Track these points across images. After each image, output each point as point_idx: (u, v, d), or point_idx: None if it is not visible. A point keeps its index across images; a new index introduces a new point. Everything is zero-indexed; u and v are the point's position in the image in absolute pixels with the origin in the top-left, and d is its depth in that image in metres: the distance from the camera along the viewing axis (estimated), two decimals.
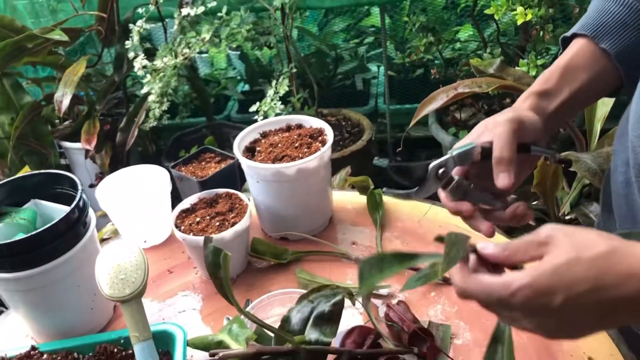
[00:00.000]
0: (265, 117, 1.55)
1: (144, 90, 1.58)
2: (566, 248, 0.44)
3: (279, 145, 0.94)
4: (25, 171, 1.49)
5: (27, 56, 1.71)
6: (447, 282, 0.85)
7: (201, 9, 1.51)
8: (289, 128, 1.01)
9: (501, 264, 0.49)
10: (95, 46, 2.52)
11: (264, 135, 1.00)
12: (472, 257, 0.51)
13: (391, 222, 1.00)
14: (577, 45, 0.66)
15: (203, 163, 1.01)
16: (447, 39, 2.34)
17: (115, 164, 1.73)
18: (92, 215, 0.80)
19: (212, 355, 0.66)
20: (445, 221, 0.98)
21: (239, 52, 2.73)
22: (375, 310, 0.81)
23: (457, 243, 0.49)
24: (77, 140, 1.77)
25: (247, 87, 2.62)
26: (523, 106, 0.64)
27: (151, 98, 1.60)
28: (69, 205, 0.80)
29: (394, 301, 0.80)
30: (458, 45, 2.48)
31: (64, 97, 1.52)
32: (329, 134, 0.95)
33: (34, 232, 0.73)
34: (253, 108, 1.57)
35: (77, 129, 1.77)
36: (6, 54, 1.62)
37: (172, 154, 1.91)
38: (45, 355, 0.72)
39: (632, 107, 0.61)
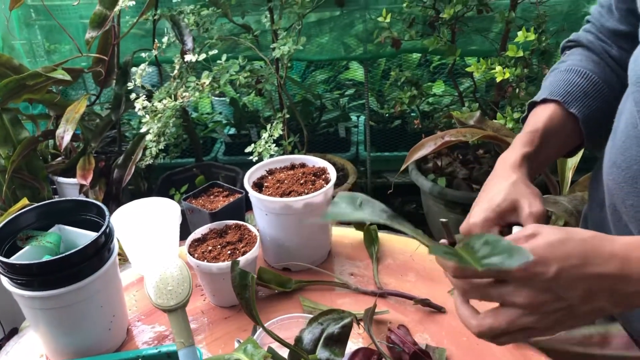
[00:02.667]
0: (260, 158, 1.63)
1: (143, 129, 1.65)
2: (556, 231, 0.51)
3: (285, 181, 1.02)
4: (23, 204, 1.53)
5: (27, 93, 1.77)
6: (440, 310, 0.92)
7: (203, 56, 1.61)
8: (293, 166, 1.09)
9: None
10: (84, 86, 2.59)
11: (270, 172, 1.08)
12: None
13: (386, 256, 1.07)
14: (550, 109, 0.76)
15: (212, 197, 1.08)
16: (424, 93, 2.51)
17: (108, 200, 1.77)
18: (115, 242, 0.85)
19: None
20: (433, 257, 1.06)
21: (222, 98, 2.85)
22: (376, 334, 0.88)
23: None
24: (70, 175, 1.81)
25: (233, 131, 2.72)
26: (521, 175, 0.70)
27: (149, 137, 1.67)
28: (92, 231, 0.86)
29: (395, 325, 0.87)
30: (432, 99, 2.65)
31: (65, 134, 1.58)
32: (332, 173, 1.03)
33: (64, 254, 0.78)
34: (248, 149, 1.66)
35: (71, 165, 1.81)
36: (8, 90, 1.67)
37: (163, 191, 1.96)
38: None
39: (605, 157, 0.72)
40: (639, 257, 0.50)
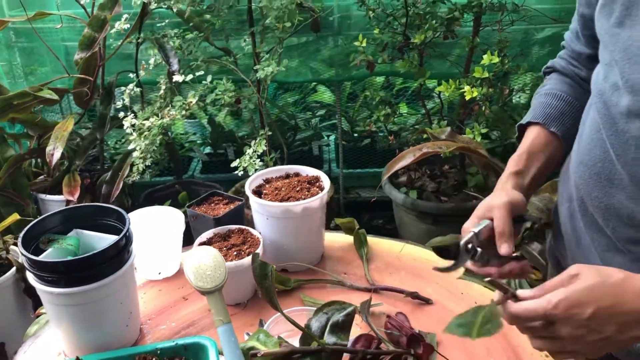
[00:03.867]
0: (245, 172, 1.71)
1: (131, 146, 1.71)
2: (594, 275, 0.62)
3: (283, 189, 1.11)
4: (13, 219, 1.56)
5: (13, 112, 1.80)
6: (428, 302, 1.02)
7: (190, 76, 1.70)
8: (288, 175, 1.18)
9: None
10: (60, 107, 2.62)
11: (267, 181, 1.16)
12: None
13: (374, 257, 1.17)
14: (534, 131, 0.91)
15: (213, 205, 1.16)
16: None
17: None
18: (134, 245, 0.92)
19: (253, 355, 0.79)
20: (418, 256, 1.17)
21: (193, 120, 2.92)
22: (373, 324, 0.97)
23: (491, 319, 0.65)
24: (55, 192, 1.84)
25: (209, 150, 2.79)
26: (507, 186, 0.85)
27: (136, 154, 1.73)
28: (109, 234, 0.92)
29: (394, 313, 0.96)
30: (397, 119, 2.80)
31: (55, 151, 1.62)
32: (325, 180, 1.13)
33: (88, 254, 0.84)
34: (234, 164, 1.74)
35: (56, 182, 1.84)
36: None
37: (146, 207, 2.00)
38: None
39: (572, 157, 0.84)
40: None
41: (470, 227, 0.80)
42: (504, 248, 0.77)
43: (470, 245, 0.78)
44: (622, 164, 0.72)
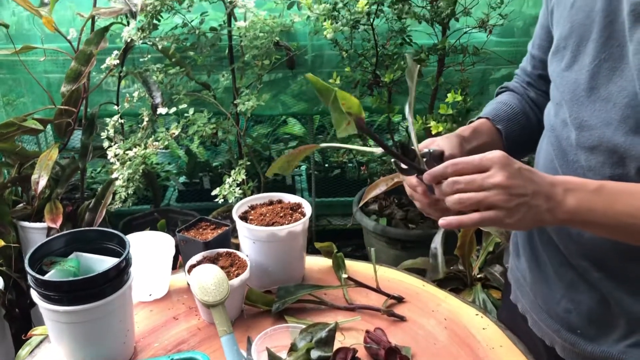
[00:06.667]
0: (225, 200, 1.79)
1: (114, 175, 1.77)
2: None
3: (268, 214, 1.20)
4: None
5: None
6: (402, 319, 1.12)
7: (173, 109, 1.78)
8: (271, 202, 1.27)
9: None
10: (37, 137, 2.65)
11: (252, 207, 1.25)
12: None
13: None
14: (482, 121, 1.03)
15: (201, 230, 1.23)
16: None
17: None
18: (133, 267, 0.99)
19: None
20: (391, 277, 1.27)
21: (166, 151, 2.99)
22: (351, 340, 1.06)
23: None
24: (35, 220, 1.88)
25: (183, 179, 2.85)
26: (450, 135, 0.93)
27: (118, 182, 1.79)
28: (109, 257, 0.99)
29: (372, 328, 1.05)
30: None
31: (40, 179, 1.67)
32: (307, 207, 1.23)
33: (91, 275, 0.91)
34: (215, 192, 1.81)
35: (37, 210, 1.88)
36: None
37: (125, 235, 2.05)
38: None
39: None
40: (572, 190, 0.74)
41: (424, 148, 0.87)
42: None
43: (425, 160, 0.83)
44: None
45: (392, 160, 0.82)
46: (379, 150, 0.81)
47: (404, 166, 0.82)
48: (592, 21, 0.80)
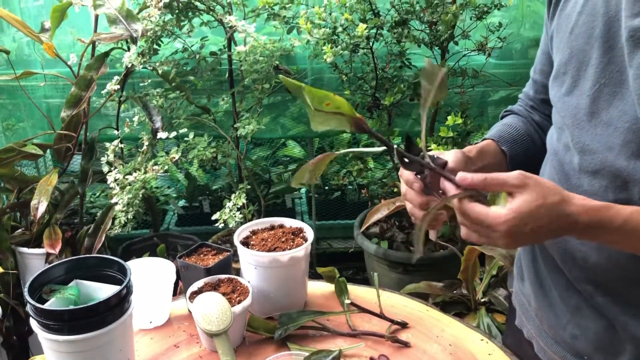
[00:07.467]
0: (226, 225, 1.78)
1: (113, 200, 1.77)
2: (536, 195, 0.71)
3: (269, 239, 1.19)
4: None
5: None
6: (406, 345, 1.10)
7: (174, 133, 1.78)
8: (272, 227, 1.26)
9: (480, 188, 0.73)
10: (35, 162, 2.64)
11: (254, 232, 1.24)
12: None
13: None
14: (487, 142, 1.03)
15: (202, 255, 1.22)
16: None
17: None
18: (133, 295, 0.98)
19: None
20: (395, 302, 1.25)
21: (165, 174, 2.99)
22: None
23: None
24: (34, 246, 1.86)
25: (182, 203, 2.84)
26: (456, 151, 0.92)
27: (118, 207, 1.78)
28: (109, 284, 0.98)
29: (376, 355, 1.04)
30: (366, 173, 2.94)
31: (39, 204, 1.66)
32: (309, 232, 1.22)
33: (92, 303, 0.89)
34: (215, 216, 1.80)
35: (36, 235, 1.86)
36: None
37: (124, 259, 2.03)
38: None
39: None
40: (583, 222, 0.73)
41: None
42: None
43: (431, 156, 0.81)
44: None
45: (395, 149, 0.79)
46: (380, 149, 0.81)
47: (406, 160, 0.81)
48: (592, 47, 0.81)
